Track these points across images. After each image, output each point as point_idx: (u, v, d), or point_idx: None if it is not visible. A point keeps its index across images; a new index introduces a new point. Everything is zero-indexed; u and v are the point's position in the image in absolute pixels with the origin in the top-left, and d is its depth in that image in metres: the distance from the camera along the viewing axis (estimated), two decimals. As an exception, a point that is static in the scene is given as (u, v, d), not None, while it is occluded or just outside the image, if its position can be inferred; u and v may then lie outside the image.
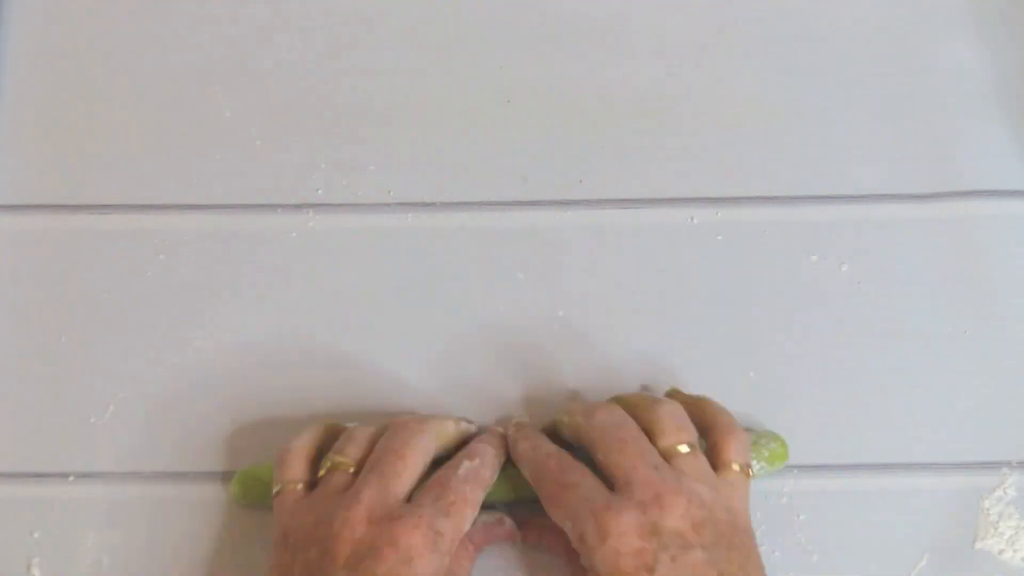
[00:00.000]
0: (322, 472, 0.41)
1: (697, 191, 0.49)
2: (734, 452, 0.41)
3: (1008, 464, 0.46)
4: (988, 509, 0.45)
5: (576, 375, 0.47)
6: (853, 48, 0.51)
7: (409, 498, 0.40)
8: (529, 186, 0.49)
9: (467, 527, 0.40)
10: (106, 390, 0.46)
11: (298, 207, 0.49)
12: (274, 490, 0.42)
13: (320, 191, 0.49)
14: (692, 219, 0.49)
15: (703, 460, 0.41)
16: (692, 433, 0.42)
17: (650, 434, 0.41)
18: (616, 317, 0.47)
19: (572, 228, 0.49)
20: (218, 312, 0.48)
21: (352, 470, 0.41)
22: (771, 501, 0.45)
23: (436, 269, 0.48)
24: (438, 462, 0.42)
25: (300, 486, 0.41)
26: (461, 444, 0.43)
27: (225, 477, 0.45)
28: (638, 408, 0.42)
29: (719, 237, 0.49)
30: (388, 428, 0.42)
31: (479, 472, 0.41)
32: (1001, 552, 0.45)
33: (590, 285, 0.48)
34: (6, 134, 0.50)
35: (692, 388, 0.46)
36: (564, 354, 0.47)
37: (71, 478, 0.45)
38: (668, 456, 0.40)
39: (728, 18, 0.52)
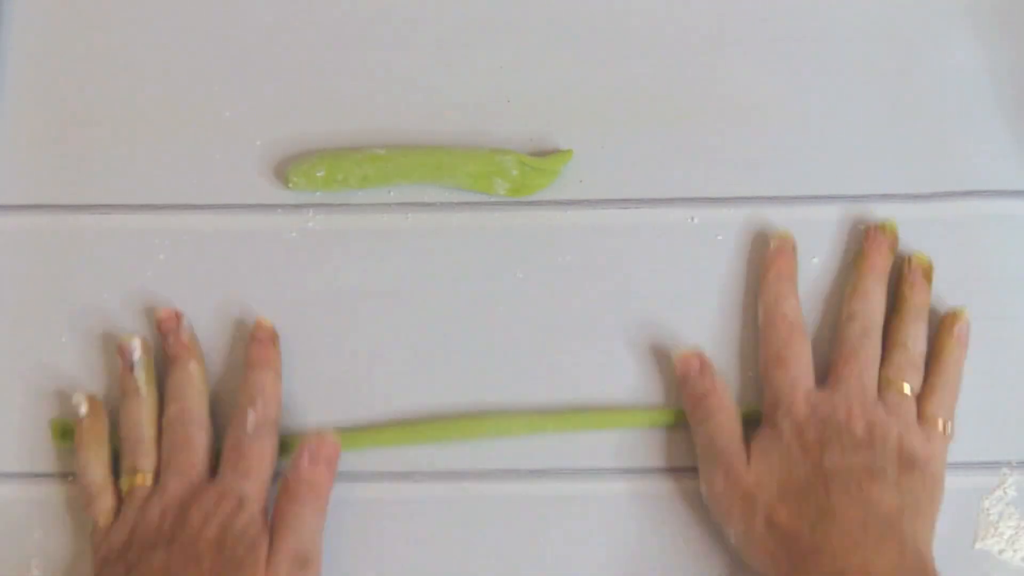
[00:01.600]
0: (125, 492, 0.43)
1: (697, 191, 0.49)
2: (935, 406, 0.44)
3: (1008, 464, 0.46)
4: (988, 509, 0.45)
5: (576, 375, 0.47)
6: (853, 48, 0.51)
7: (215, 469, 0.43)
8: (529, 186, 0.50)
9: (270, 476, 0.43)
10: (106, 390, 0.46)
11: (298, 207, 0.49)
12: (88, 529, 0.43)
13: (320, 191, 0.49)
14: (692, 219, 0.49)
15: (911, 407, 0.44)
16: (917, 380, 0.45)
17: (885, 355, 0.45)
18: (616, 317, 0.47)
19: (572, 228, 0.49)
20: (218, 312, 0.48)
21: (150, 479, 0.43)
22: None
23: (436, 269, 0.48)
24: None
25: (111, 513, 0.43)
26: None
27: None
28: (898, 328, 0.45)
29: (719, 237, 0.49)
30: (164, 427, 0.44)
31: (266, 416, 0.43)
32: (1001, 552, 0.45)
33: (590, 285, 0.48)
34: (6, 134, 0.50)
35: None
36: (564, 354, 0.47)
37: (71, 478, 0.45)
38: (886, 386, 0.44)
39: (728, 18, 0.52)
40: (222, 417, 0.45)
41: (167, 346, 0.45)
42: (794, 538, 0.40)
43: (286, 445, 0.44)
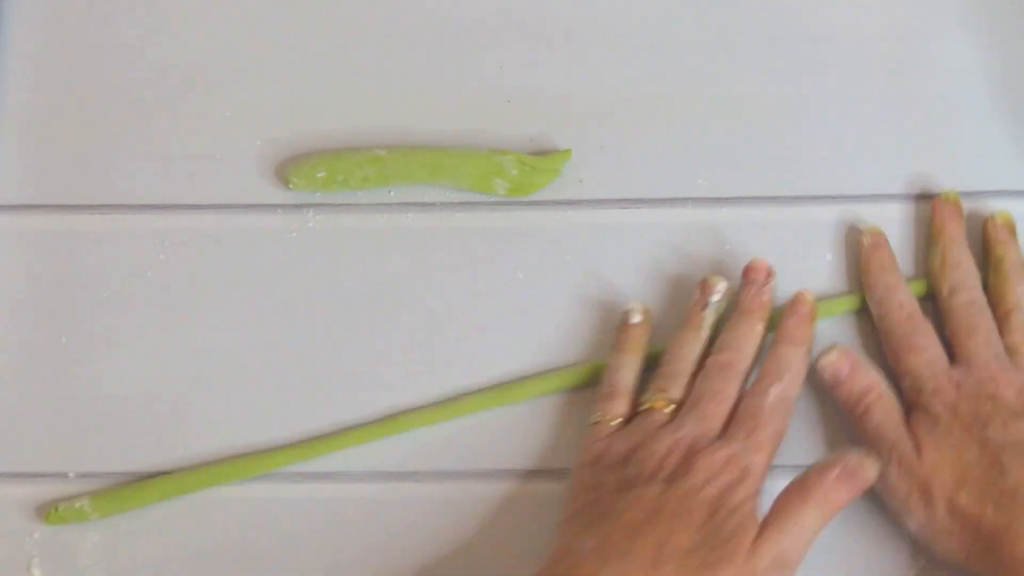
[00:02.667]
0: (643, 408, 0.43)
1: (697, 191, 0.49)
2: None
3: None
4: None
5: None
6: (853, 48, 0.51)
7: (724, 429, 0.42)
8: (529, 186, 0.50)
9: (774, 456, 0.42)
10: (106, 389, 0.46)
11: (298, 207, 0.49)
12: (592, 420, 0.44)
13: (320, 191, 0.49)
14: (692, 219, 0.49)
15: None
16: None
17: (1003, 322, 0.44)
18: (616, 317, 0.47)
19: (572, 228, 0.49)
20: (218, 312, 0.48)
21: (669, 409, 0.43)
22: (770, 500, 0.45)
23: (436, 269, 0.48)
24: None
25: (619, 420, 0.43)
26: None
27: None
28: (1006, 291, 0.45)
29: (719, 237, 0.49)
30: (705, 370, 0.44)
31: (786, 396, 0.43)
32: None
33: (590, 285, 0.48)
34: (6, 134, 0.50)
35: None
36: (564, 354, 0.47)
37: (71, 477, 0.45)
38: (1013, 351, 0.44)
39: (728, 18, 0.52)
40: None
41: (744, 296, 0.45)
42: (978, 521, 0.40)
43: None
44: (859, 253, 0.47)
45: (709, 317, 0.45)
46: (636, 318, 0.45)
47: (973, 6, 0.52)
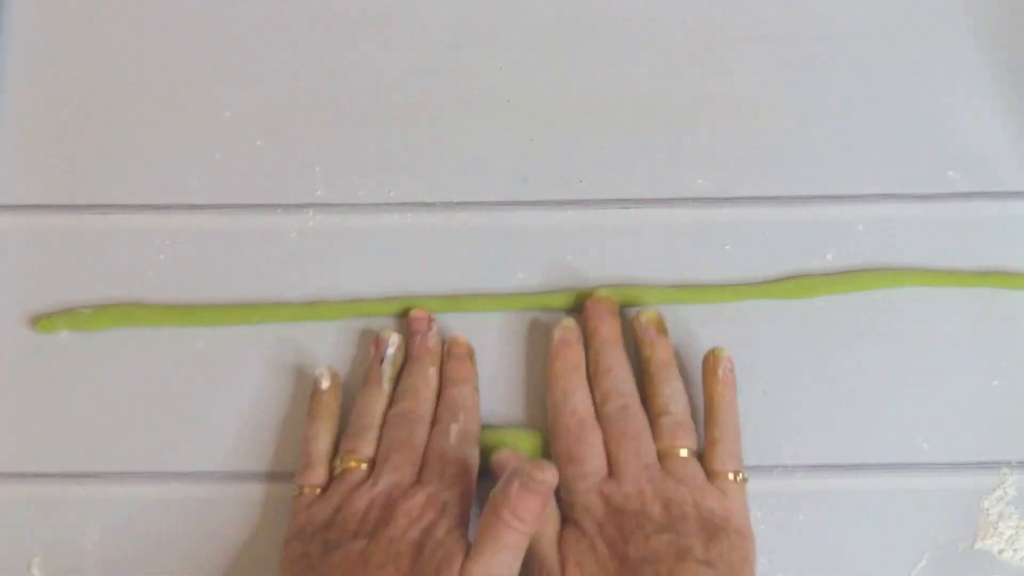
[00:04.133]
0: (337, 472, 0.44)
1: (697, 191, 0.49)
2: (722, 461, 0.43)
3: (1008, 464, 0.46)
4: (988, 509, 0.45)
5: (576, 375, 0.47)
6: (853, 48, 0.51)
7: (417, 475, 0.43)
8: (529, 186, 0.49)
9: (471, 489, 0.43)
10: (106, 389, 0.46)
11: (298, 207, 0.49)
12: (292, 493, 0.44)
13: (320, 191, 0.49)
14: (692, 219, 0.49)
15: (696, 466, 0.43)
16: (692, 439, 0.44)
17: (654, 426, 0.44)
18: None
19: (572, 228, 0.49)
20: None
21: (364, 466, 0.43)
22: (770, 501, 0.45)
23: (436, 269, 0.48)
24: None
25: (319, 489, 0.43)
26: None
27: (222, 477, 0.45)
28: (654, 394, 0.45)
29: (719, 237, 0.49)
30: (388, 422, 0.44)
31: (466, 431, 0.44)
32: (1001, 552, 0.45)
33: (590, 285, 0.48)
34: (6, 134, 0.50)
35: (690, 386, 0.46)
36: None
37: (71, 478, 0.45)
38: (664, 456, 0.43)
39: (728, 18, 0.52)
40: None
41: (412, 346, 0.46)
42: None
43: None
44: (547, 347, 0.46)
45: (387, 371, 0.45)
46: (324, 384, 0.45)
47: (973, 6, 0.52)
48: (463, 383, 0.45)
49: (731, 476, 0.43)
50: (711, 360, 0.45)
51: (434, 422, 0.45)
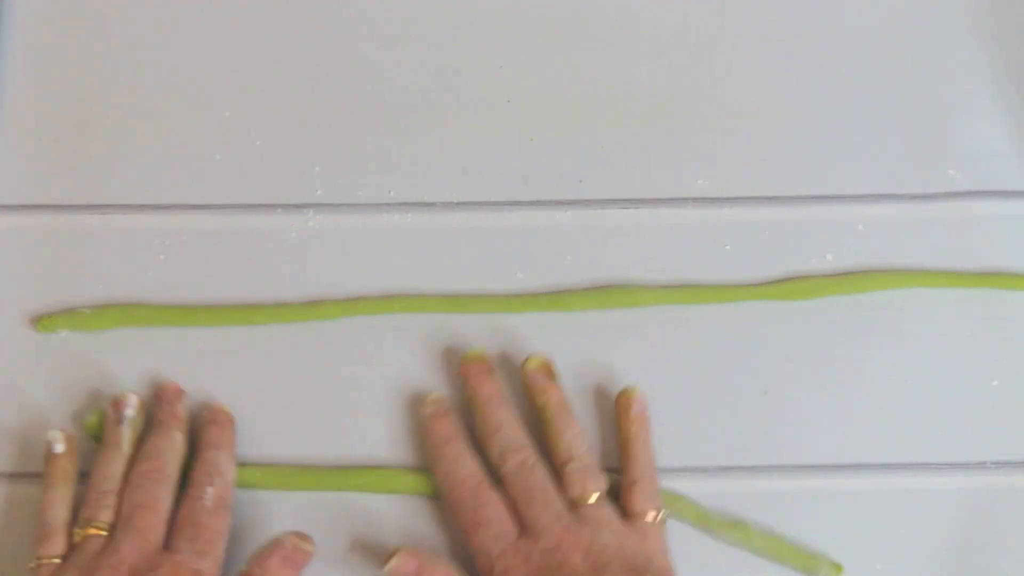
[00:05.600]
0: (76, 540, 0.42)
1: (697, 191, 0.49)
2: (640, 502, 0.43)
3: (1009, 464, 0.46)
4: (992, 509, 0.45)
5: (575, 375, 0.47)
6: (853, 48, 0.51)
7: (166, 542, 0.41)
8: (529, 186, 0.49)
9: (223, 556, 0.42)
10: (106, 389, 0.46)
11: (298, 207, 0.49)
12: (29, 565, 0.42)
13: (320, 191, 0.49)
14: (692, 219, 0.49)
15: (609, 509, 0.42)
16: (600, 481, 0.43)
17: (560, 475, 0.43)
18: (616, 316, 0.47)
19: (572, 228, 0.49)
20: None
21: (104, 532, 0.42)
22: (770, 500, 0.45)
23: (436, 269, 0.48)
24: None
25: (57, 559, 0.41)
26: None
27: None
28: (555, 443, 0.43)
29: (719, 237, 0.49)
30: (130, 482, 0.42)
31: (222, 496, 0.43)
32: (1004, 552, 0.45)
33: (590, 285, 0.48)
34: (6, 134, 0.50)
35: (691, 386, 0.46)
36: (563, 354, 0.47)
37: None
38: (575, 504, 0.42)
39: (728, 18, 0.52)
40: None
41: (159, 412, 0.45)
42: None
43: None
44: (420, 423, 0.45)
45: (127, 432, 0.44)
46: (59, 447, 0.43)
47: (973, 6, 0.52)
48: (221, 448, 0.44)
49: (651, 516, 0.42)
50: (624, 400, 0.44)
51: (188, 485, 0.43)
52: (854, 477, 0.45)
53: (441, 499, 0.44)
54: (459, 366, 0.46)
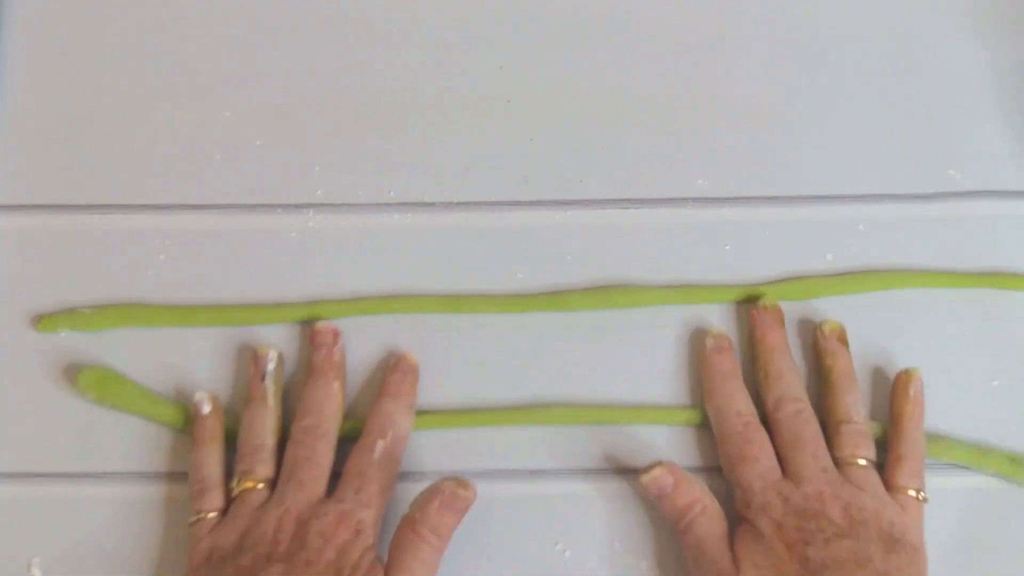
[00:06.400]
0: (235, 494, 0.43)
1: (697, 191, 0.49)
2: (905, 478, 0.43)
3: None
4: (993, 509, 0.45)
5: (577, 374, 0.47)
6: (853, 48, 0.51)
7: (331, 489, 0.42)
8: (529, 186, 0.49)
9: (386, 505, 0.43)
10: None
11: (298, 207, 0.49)
12: (189, 521, 0.43)
13: (320, 191, 0.49)
14: (692, 219, 0.49)
15: (875, 476, 0.43)
16: (870, 450, 0.44)
17: (833, 434, 0.44)
18: (616, 316, 0.47)
19: (572, 228, 0.49)
20: (218, 312, 0.48)
21: (262, 486, 0.43)
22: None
23: (436, 269, 0.48)
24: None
25: (216, 514, 0.43)
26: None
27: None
28: (836, 403, 0.44)
29: (719, 237, 0.49)
30: (292, 437, 0.44)
31: (391, 451, 0.43)
32: (1004, 552, 0.45)
33: (590, 285, 0.48)
34: (6, 134, 0.50)
35: (693, 383, 0.46)
36: (562, 354, 0.47)
37: (71, 478, 0.45)
38: (843, 464, 0.43)
39: (728, 18, 0.52)
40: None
41: (316, 359, 0.45)
42: None
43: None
44: (701, 356, 0.46)
45: (271, 387, 0.44)
46: (206, 408, 0.44)
47: (973, 6, 0.52)
48: (399, 399, 0.45)
49: (912, 493, 0.43)
50: (903, 378, 0.45)
51: (361, 434, 0.44)
52: (854, 477, 0.45)
53: (712, 429, 0.45)
54: (749, 313, 0.47)
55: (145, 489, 0.45)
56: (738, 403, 0.44)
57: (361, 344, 0.47)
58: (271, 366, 0.45)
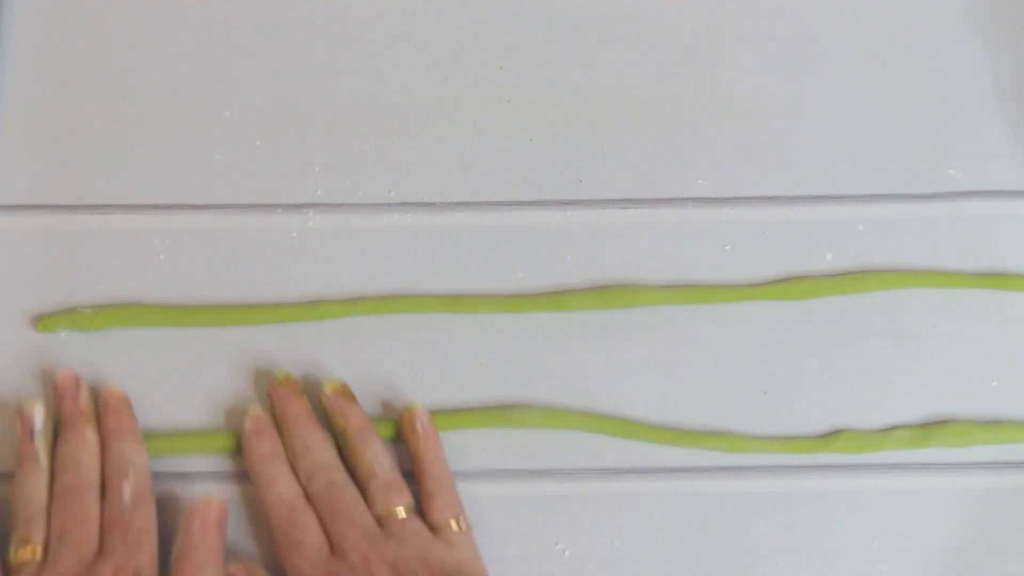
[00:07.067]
0: (15, 562, 0.41)
1: (697, 191, 0.49)
2: (440, 512, 0.43)
3: (1011, 463, 0.46)
4: (993, 509, 0.45)
5: (575, 374, 0.47)
6: (853, 48, 0.52)
7: (99, 546, 0.41)
8: (529, 186, 0.50)
9: (156, 541, 0.42)
10: (105, 389, 0.46)
11: (298, 207, 0.49)
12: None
13: (320, 191, 0.49)
14: (692, 219, 0.49)
15: (416, 522, 0.43)
16: (405, 495, 0.43)
17: (365, 493, 0.43)
18: (616, 316, 0.47)
19: (572, 228, 0.49)
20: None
21: (39, 551, 0.41)
22: (771, 501, 0.45)
23: (436, 269, 0.48)
24: None
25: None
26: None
27: (222, 477, 0.45)
28: (357, 461, 0.44)
29: (719, 237, 0.49)
30: (55, 497, 0.42)
31: (140, 489, 0.42)
32: (1004, 552, 0.45)
33: (590, 285, 0.48)
34: (6, 134, 0.50)
35: (691, 386, 0.46)
36: (562, 354, 0.47)
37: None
38: (384, 520, 0.42)
39: (728, 18, 0.52)
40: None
41: (63, 410, 0.44)
42: None
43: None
44: (240, 439, 0.45)
45: (41, 444, 0.43)
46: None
47: (973, 6, 0.52)
48: (124, 437, 0.43)
49: (453, 525, 0.42)
50: (407, 418, 0.45)
51: (104, 485, 0.42)
52: (854, 477, 0.45)
53: (262, 516, 0.43)
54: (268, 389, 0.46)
55: (145, 489, 0.45)
56: (280, 486, 0.43)
57: (361, 344, 0.47)
58: (39, 423, 0.43)
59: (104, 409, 0.44)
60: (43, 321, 0.47)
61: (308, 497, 0.43)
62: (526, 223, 0.49)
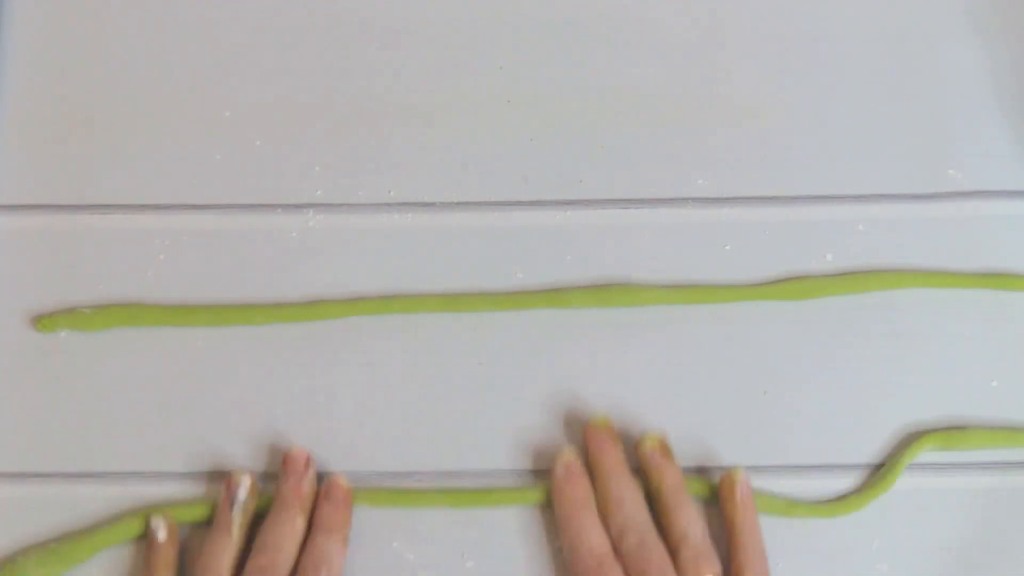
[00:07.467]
0: None
1: (697, 191, 0.49)
2: None
3: (1011, 464, 0.46)
4: (993, 509, 0.45)
5: (574, 374, 0.47)
6: (853, 48, 0.52)
7: None
8: (529, 186, 0.50)
9: None
10: (106, 389, 0.46)
11: (298, 207, 0.49)
12: None
13: (320, 191, 0.49)
14: (692, 219, 0.49)
15: None
16: (715, 564, 0.41)
17: (674, 556, 0.41)
18: (616, 316, 0.47)
19: (572, 228, 0.49)
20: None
21: None
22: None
23: (436, 269, 0.48)
24: None
25: None
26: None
27: (222, 477, 0.45)
28: (670, 524, 0.42)
29: (719, 237, 0.49)
30: (248, 573, 0.41)
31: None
32: (1004, 552, 0.45)
33: (590, 285, 0.48)
34: (6, 134, 0.50)
35: (691, 386, 0.46)
36: (562, 355, 0.47)
37: (71, 478, 0.45)
38: None
39: (728, 18, 0.52)
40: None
41: (284, 488, 0.43)
42: None
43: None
44: (551, 484, 0.44)
45: (237, 517, 0.42)
46: (161, 535, 0.42)
47: (973, 6, 0.52)
48: (333, 533, 0.42)
49: None
50: (727, 484, 0.43)
51: (297, 570, 0.41)
52: (854, 477, 0.45)
53: (566, 562, 0.43)
54: (582, 431, 0.45)
55: (144, 489, 0.45)
56: (590, 538, 0.42)
57: (361, 344, 0.47)
58: (243, 495, 0.43)
59: (325, 498, 0.43)
60: (43, 321, 0.47)
61: (616, 552, 0.42)
62: (526, 223, 0.49)
